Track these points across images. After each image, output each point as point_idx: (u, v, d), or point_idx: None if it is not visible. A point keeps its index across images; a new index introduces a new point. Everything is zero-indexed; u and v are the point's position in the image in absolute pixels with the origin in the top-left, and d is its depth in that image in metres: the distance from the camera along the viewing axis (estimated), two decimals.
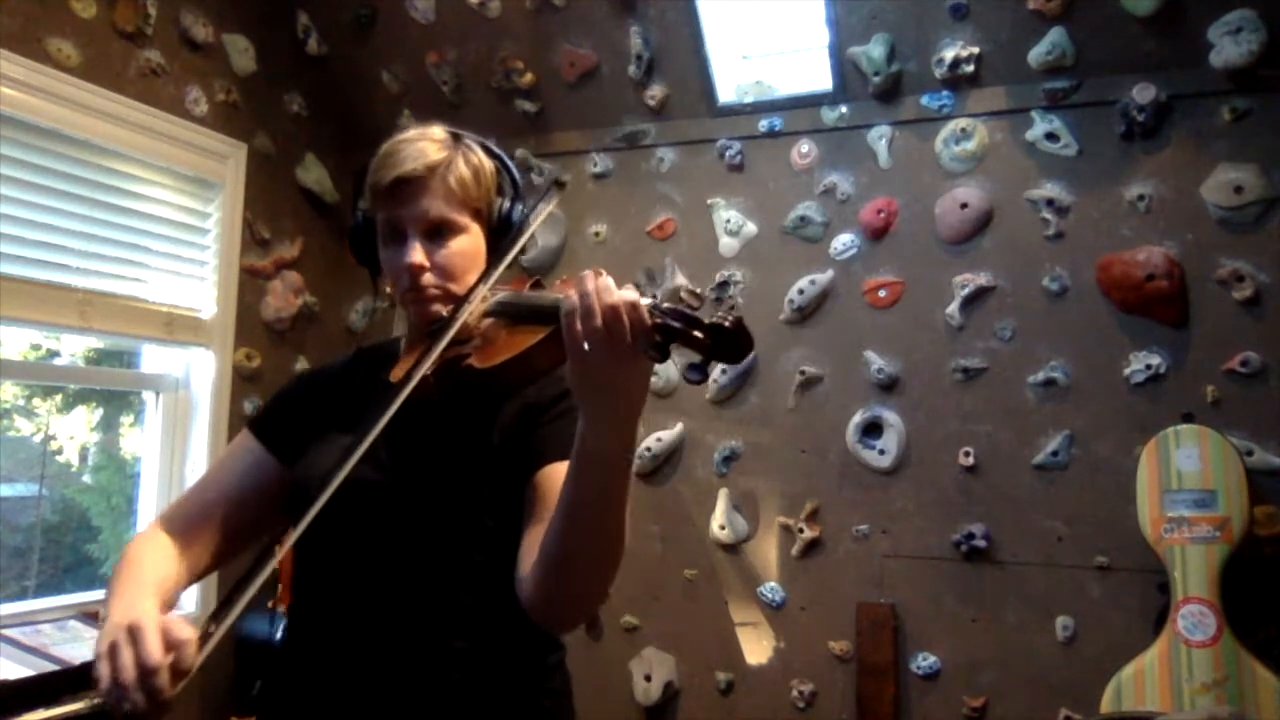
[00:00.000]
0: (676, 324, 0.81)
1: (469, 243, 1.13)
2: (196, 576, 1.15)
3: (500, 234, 1.16)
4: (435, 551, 1.07)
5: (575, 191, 3.19)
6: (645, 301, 0.82)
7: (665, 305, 0.82)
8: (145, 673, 0.86)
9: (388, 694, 1.04)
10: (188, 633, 0.89)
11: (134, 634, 0.88)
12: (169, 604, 1.06)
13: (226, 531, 1.17)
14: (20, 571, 2.71)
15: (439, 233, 1.11)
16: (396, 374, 1.07)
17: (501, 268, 1.06)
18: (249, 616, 2.97)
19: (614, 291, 0.81)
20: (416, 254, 1.09)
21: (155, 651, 0.87)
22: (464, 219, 1.12)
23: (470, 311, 1.05)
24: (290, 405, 1.25)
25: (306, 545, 1.15)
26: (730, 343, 0.79)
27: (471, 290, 1.06)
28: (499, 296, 1.05)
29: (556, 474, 1.01)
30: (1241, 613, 2.26)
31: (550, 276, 3.14)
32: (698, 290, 0.85)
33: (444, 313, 1.10)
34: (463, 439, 1.10)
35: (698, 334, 0.80)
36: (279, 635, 2.82)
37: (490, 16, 3.02)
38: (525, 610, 0.97)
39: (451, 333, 1.02)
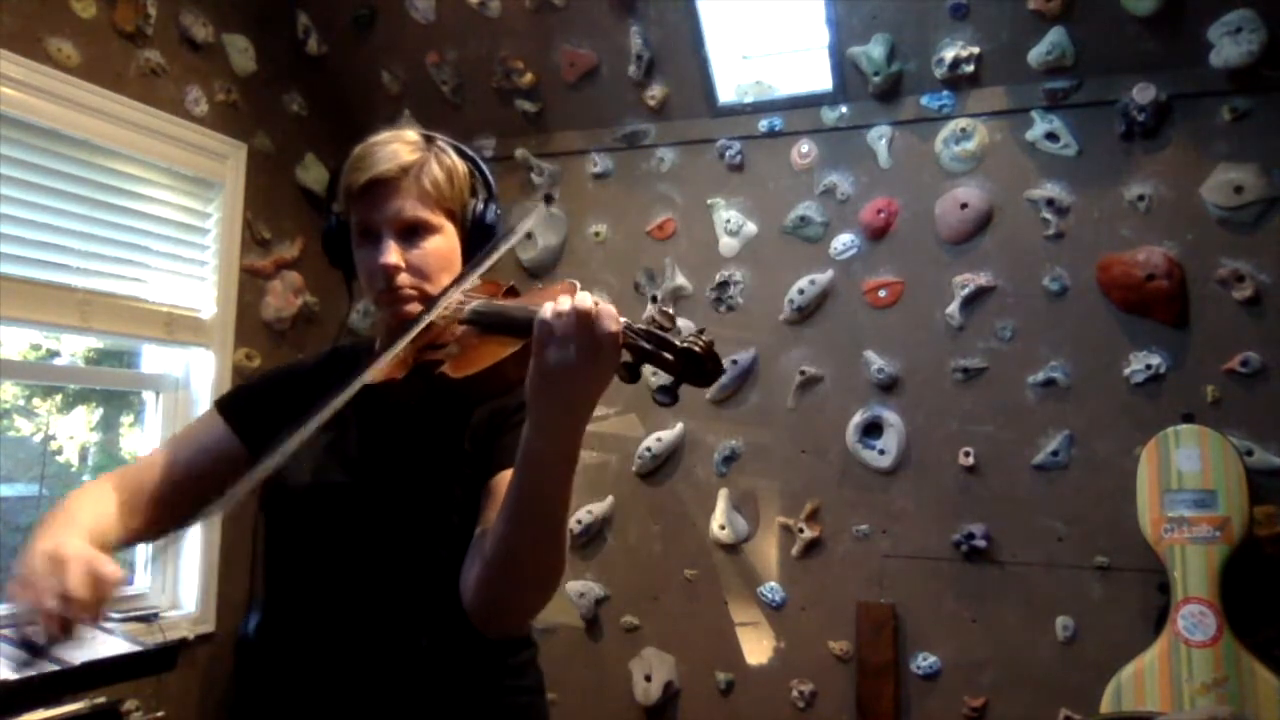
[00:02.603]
0: (648, 345, 0.81)
1: (443, 243, 1.13)
2: (133, 540, 1.14)
3: (475, 235, 1.17)
4: (401, 550, 1.07)
5: (575, 191, 3.19)
6: (619, 321, 0.82)
7: (638, 326, 0.82)
8: (64, 601, 0.86)
9: (356, 692, 1.05)
10: (112, 568, 0.89)
11: (56, 563, 0.88)
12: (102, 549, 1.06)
13: (175, 502, 1.16)
14: None
15: (413, 233, 1.11)
16: (373, 375, 1.07)
17: (478, 271, 1.06)
18: (249, 616, 2.97)
19: (589, 305, 0.81)
20: (391, 254, 1.09)
21: (76, 582, 0.87)
22: (438, 219, 1.13)
23: (444, 315, 1.05)
24: (261, 393, 1.25)
25: (277, 547, 1.16)
26: (700, 367, 0.80)
27: (444, 291, 1.06)
28: (474, 305, 1.04)
29: (508, 480, 1.01)
30: (1241, 613, 2.26)
31: (550, 276, 3.14)
32: (671, 311, 0.86)
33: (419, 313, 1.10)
34: (434, 442, 1.11)
35: (668, 356, 0.80)
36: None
37: (490, 16, 3.02)
38: (465, 612, 0.98)
39: (418, 329, 1.02)
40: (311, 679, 1.07)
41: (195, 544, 2.91)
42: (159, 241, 2.83)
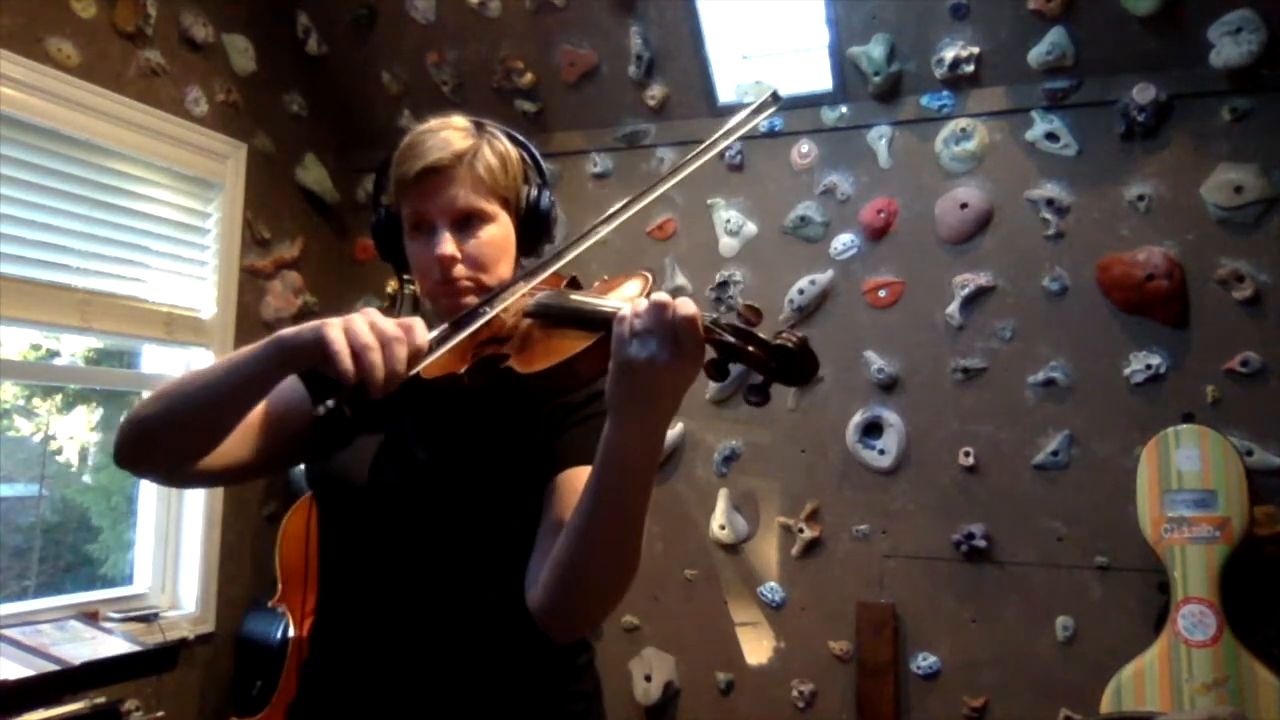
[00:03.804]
0: (733, 340, 0.78)
1: (499, 232, 1.10)
2: (205, 469, 1.07)
3: (529, 223, 1.15)
4: (459, 554, 1.05)
5: (575, 191, 3.19)
6: (706, 317, 0.79)
7: (725, 322, 0.79)
8: (386, 340, 0.86)
9: (413, 697, 1.03)
10: (417, 320, 0.90)
11: (367, 314, 0.89)
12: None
13: (240, 439, 1.07)
14: (20, 571, 2.71)
15: (468, 222, 1.08)
16: (429, 370, 1.03)
17: (561, 260, 1.02)
18: (248, 617, 2.97)
19: (673, 304, 0.78)
20: (447, 245, 1.06)
21: (394, 326, 0.88)
22: (493, 207, 1.10)
23: (508, 308, 1.01)
24: None
25: (332, 548, 1.13)
26: (794, 364, 0.77)
27: (510, 284, 1.02)
28: (539, 297, 1.01)
29: (575, 479, 0.98)
30: (1241, 613, 2.26)
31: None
32: (757, 307, 0.83)
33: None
34: (494, 442, 1.08)
35: (757, 352, 0.77)
36: (278, 635, 2.82)
37: (490, 16, 3.02)
38: (531, 613, 0.95)
39: (481, 322, 0.99)
40: (369, 683, 1.05)
41: (195, 543, 2.92)
42: (159, 241, 2.83)
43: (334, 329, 0.87)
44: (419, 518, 1.06)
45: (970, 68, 2.69)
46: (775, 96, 1.00)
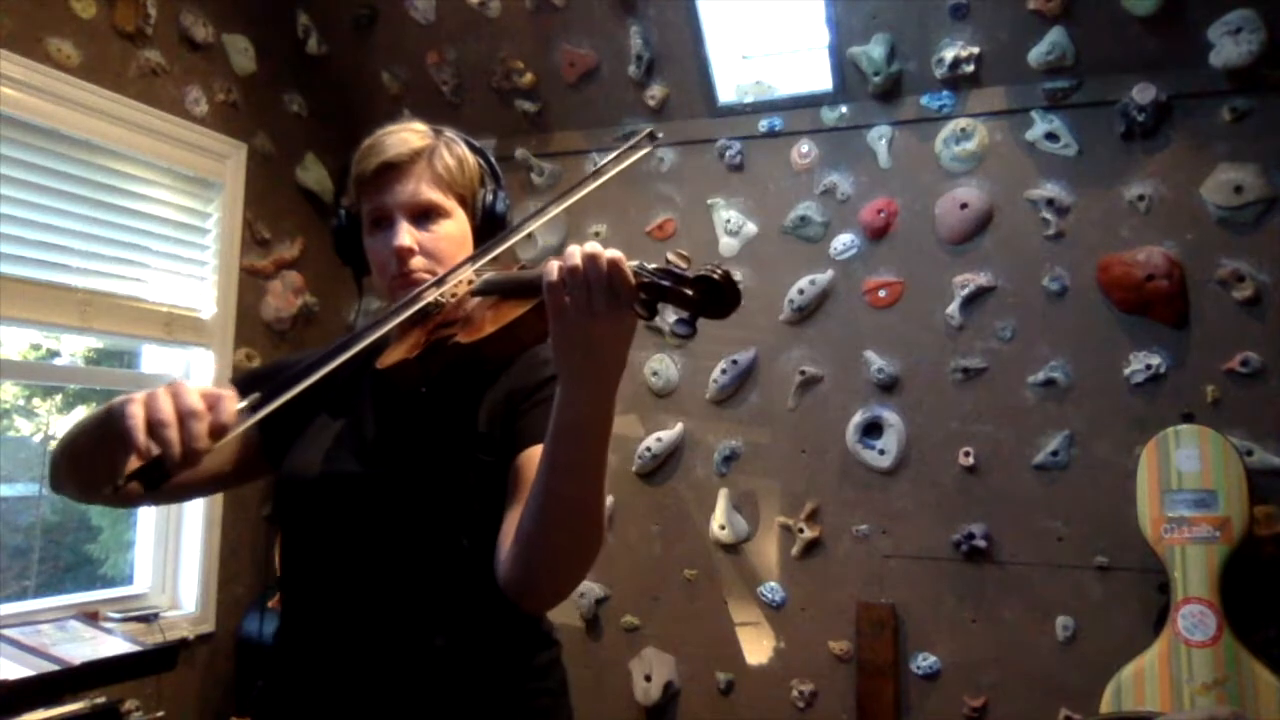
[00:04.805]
0: (663, 281, 0.80)
1: (455, 228, 1.13)
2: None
3: (485, 225, 1.17)
4: (417, 543, 1.06)
5: None
6: (631, 262, 0.81)
7: (651, 266, 0.82)
8: (184, 415, 0.84)
9: (371, 692, 1.04)
10: (229, 391, 0.88)
11: (174, 387, 0.87)
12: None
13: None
14: (20, 571, 2.71)
15: (426, 216, 1.11)
16: (385, 360, 1.06)
17: (510, 242, 1.04)
18: (248, 616, 2.97)
19: (598, 253, 0.81)
20: (404, 236, 1.09)
21: (196, 400, 0.85)
22: (450, 203, 1.13)
23: (455, 291, 1.04)
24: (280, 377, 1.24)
25: (292, 543, 1.15)
26: (717, 295, 0.78)
27: (461, 265, 1.05)
28: (486, 276, 1.04)
29: (536, 456, 0.98)
30: (1241, 613, 2.26)
31: None
32: (686, 253, 0.84)
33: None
34: (449, 427, 1.08)
35: (685, 290, 0.79)
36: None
37: (490, 16, 3.02)
38: (501, 587, 0.96)
39: (431, 295, 1.01)
40: (329, 679, 1.05)
41: (195, 543, 2.92)
42: (159, 241, 2.83)
43: (135, 405, 0.86)
44: (375, 506, 1.07)
45: (970, 68, 2.69)
46: (652, 135, 1.02)
